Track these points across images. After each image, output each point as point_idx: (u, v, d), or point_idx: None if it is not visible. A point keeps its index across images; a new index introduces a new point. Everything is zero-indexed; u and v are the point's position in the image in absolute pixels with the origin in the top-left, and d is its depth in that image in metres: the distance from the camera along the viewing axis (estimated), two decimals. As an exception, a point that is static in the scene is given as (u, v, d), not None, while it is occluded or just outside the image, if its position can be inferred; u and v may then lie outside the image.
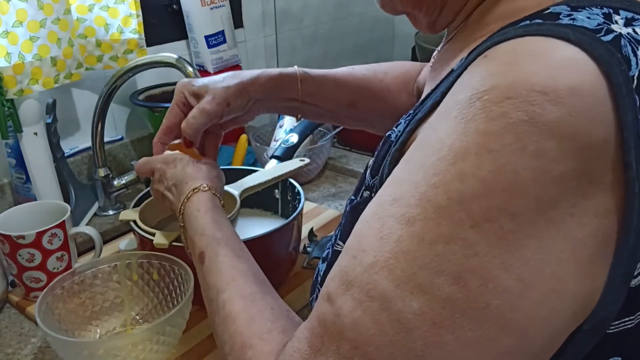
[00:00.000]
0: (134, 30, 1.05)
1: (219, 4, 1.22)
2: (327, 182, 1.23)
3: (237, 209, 0.77)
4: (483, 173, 0.34)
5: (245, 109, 0.72)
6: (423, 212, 0.35)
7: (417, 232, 0.35)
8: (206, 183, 0.64)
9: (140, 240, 0.80)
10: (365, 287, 0.37)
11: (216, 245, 0.57)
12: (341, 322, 0.37)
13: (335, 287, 0.39)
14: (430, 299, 0.34)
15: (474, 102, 0.35)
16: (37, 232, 0.79)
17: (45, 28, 0.89)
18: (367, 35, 1.80)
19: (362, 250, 0.38)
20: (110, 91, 0.98)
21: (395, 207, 0.38)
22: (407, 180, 0.38)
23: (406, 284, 0.35)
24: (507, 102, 0.34)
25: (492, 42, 0.38)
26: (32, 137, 0.93)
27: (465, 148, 0.35)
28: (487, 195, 0.34)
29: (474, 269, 0.34)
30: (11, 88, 0.87)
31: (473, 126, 0.35)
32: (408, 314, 0.35)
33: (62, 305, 0.72)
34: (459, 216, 0.34)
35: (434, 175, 0.36)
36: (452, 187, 0.35)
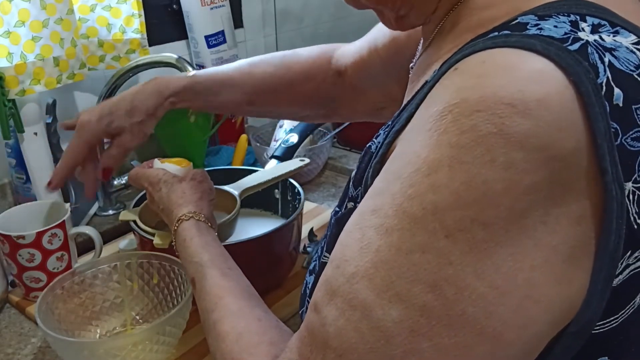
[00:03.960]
0: (136, 30, 1.05)
1: (219, 4, 1.22)
2: (327, 182, 1.23)
3: (237, 209, 0.77)
4: (455, 184, 0.35)
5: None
6: (400, 222, 0.36)
7: (394, 242, 0.36)
8: (189, 209, 0.65)
9: (140, 240, 0.81)
10: (347, 297, 0.38)
11: (203, 269, 0.58)
12: (326, 331, 0.38)
13: (321, 297, 0.40)
14: (408, 307, 0.35)
15: (446, 115, 0.36)
16: (37, 232, 0.79)
17: (48, 28, 0.89)
18: (367, 35, 1.80)
19: (344, 260, 0.39)
20: (110, 91, 0.98)
21: (374, 218, 0.39)
22: (386, 190, 0.39)
23: (385, 293, 0.36)
24: (476, 115, 0.34)
25: (462, 55, 0.39)
26: (32, 137, 0.93)
27: (438, 160, 0.36)
28: (459, 206, 0.35)
29: (448, 278, 0.35)
30: (13, 88, 0.87)
31: (445, 139, 0.36)
32: (387, 322, 0.36)
33: (62, 305, 0.72)
34: (433, 226, 0.35)
35: (409, 187, 0.37)
36: (426, 198, 0.36)
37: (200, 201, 0.67)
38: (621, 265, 0.37)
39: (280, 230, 0.79)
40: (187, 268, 0.61)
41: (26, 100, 0.91)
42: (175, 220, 0.65)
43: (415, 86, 0.50)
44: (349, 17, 1.72)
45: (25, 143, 0.93)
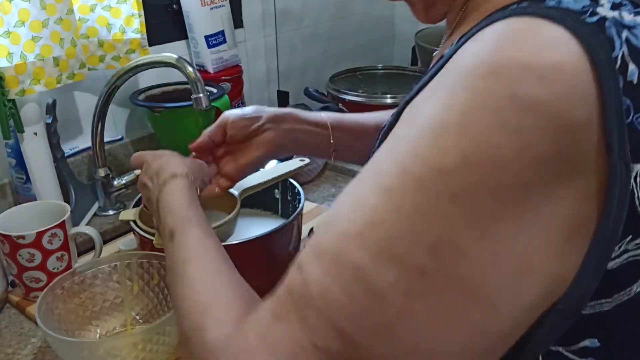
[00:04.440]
0: (136, 30, 1.05)
1: (219, 4, 1.22)
2: (327, 182, 1.23)
3: (237, 209, 0.77)
4: (464, 146, 0.34)
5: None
6: (401, 182, 0.35)
7: (394, 203, 0.35)
8: (185, 172, 0.65)
9: (140, 240, 0.80)
10: (336, 256, 0.36)
11: (187, 223, 0.57)
12: (308, 291, 0.37)
13: (307, 256, 0.39)
14: (405, 269, 0.35)
15: (459, 78, 0.36)
16: (37, 232, 0.79)
17: (48, 28, 0.89)
18: (367, 35, 1.80)
19: (336, 219, 0.38)
20: (110, 91, 0.98)
21: (373, 177, 0.38)
22: (388, 151, 0.38)
23: (381, 254, 0.35)
24: (490, 78, 0.34)
25: (480, 26, 0.39)
26: (32, 137, 0.93)
27: (447, 121, 0.35)
28: (466, 169, 0.34)
29: (449, 241, 0.34)
30: (13, 88, 0.87)
31: (456, 100, 0.35)
32: (382, 283, 0.35)
33: (62, 305, 0.72)
34: (437, 189, 0.34)
35: (415, 147, 0.36)
36: (432, 159, 0.35)
37: (198, 172, 0.69)
38: (619, 248, 0.37)
39: (280, 230, 0.79)
40: (168, 220, 0.59)
41: (26, 100, 0.91)
42: (168, 175, 0.64)
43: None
44: (349, 17, 1.72)
45: (25, 143, 0.93)
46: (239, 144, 0.76)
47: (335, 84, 1.45)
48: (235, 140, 0.76)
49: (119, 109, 1.19)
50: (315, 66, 1.64)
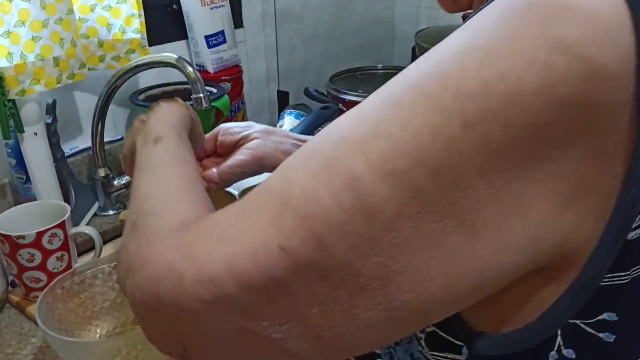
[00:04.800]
0: (136, 30, 1.05)
1: (219, 4, 1.22)
2: (327, 183, 1.23)
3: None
4: (486, 73, 0.33)
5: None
6: (414, 98, 0.34)
7: (402, 117, 0.34)
8: (186, 104, 0.63)
9: (140, 240, 0.80)
10: (329, 161, 0.35)
11: (176, 136, 0.56)
12: (289, 191, 0.35)
13: (294, 160, 0.37)
14: (402, 187, 0.33)
15: (493, 9, 0.35)
16: (37, 232, 0.79)
17: (48, 28, 0.89)
18: (367, 35, 1.80)
19: (336, 127, 0.36)
20: (110, 91, 0.98)
21: (383, 91, 0.36)
22: (406, 71, 0.37)
23: (380, 167, 0.33)
24: (526, 9, 0.33)
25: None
26: (32, 137, 0.93)
27: (474, 44, 0.34)
28: (485, 96, 0.32)
29: (452, 167, 0.33)
30: (13, 88, 0.87)
31: (484, 25, 0.34)
32: (375, 197, 0.33)
33: (62, 305, 0.72)
34: (450, 110, 0.33)
35: (434, 67, 0.34)
36: (450, 80, 0.33)
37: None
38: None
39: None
40: (157, 126, 0.57)
41: (26, 100, 0.91)
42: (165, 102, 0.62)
43: None
44: (349, 17, 1.72)
45: (25, 143, 0.93)
46: (228, 154, 0.75)
47: (335, 84, 1.45)
48: (225, 147, 0.75)
49: (119, 109, 1.18)
50: (315, 66, 1.64)
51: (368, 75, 1.57)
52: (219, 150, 0.75)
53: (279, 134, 0.76)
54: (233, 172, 0.71)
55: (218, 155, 0.76)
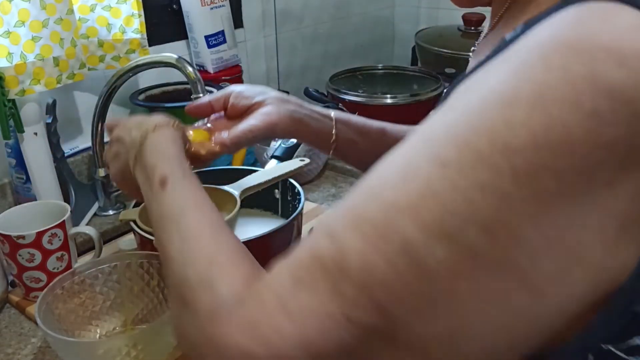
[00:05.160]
0: (136, 30, 1.05)
1: (219, 4, 1.22)
2: (327, 182, 1.23)
3: (237, 209, 0.77)
4: (533, 124, 0.32)
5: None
6: (460, 155, 0.34)
7: (450, 177, 0.34)
8: (172, 122, 0.62)
9: (140, 240, 0.80)
10: (382, 227, 0.35)
11: (180, 171, 0.54)
12: (345, 260, 0.35)
13: (341, 223, 0.37)
14: (456, 247, 0.33)
15: (532, 52, 0.34)
16: (37, 232, 0.79)
17: (48, 28, 0.89)
18: (367, 35, 1.80)
19: (381, 188, 0.36)
20: (110, 91, 0.98)
21: (425, 147, 0.36)
22: (443, 121, 0.36)
23: (432, 229, 0.33)
24: (568, 56, 0.33)
25: (555, 9, 0.37)
26: (32, 137, 0.93)
27: (517, 96, 0.33)
28: (533, 148, 0.32)
29: (505, 222, 0.33)
30: (13, 88, 0.87)
31: (528, 75, 0.34)
32: (430, 259, 0.33)
33: (62, 305, 0.72)
34: (500, 166, 0.33)
35: (477, 120, 0.34)
36: (497, 134, 0.33)
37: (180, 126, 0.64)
38: None
39: (280, 230, 0.79)
40: (159, 165, 0.55)
41: (26, 100, 0.91)
42: (155, 123, 0.60)
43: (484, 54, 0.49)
44: (349, 17, 1.72)
45: (25, 143, 0.93)
46: (240, 118, 0.72)
47: (335, 84, 1.45)
48: (237, 110, 0.72)
49: (119, 109, 1.18)
50: (315, 66, 1.64)
51: (368, 75, 1.57)
52: (229, 112, 0.74)
53: (293, 103, 0.74)
54: (245, 136, 0.69)
55: (228, 117, 0.74)
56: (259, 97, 0.73)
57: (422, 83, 1.47)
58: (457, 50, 1.49)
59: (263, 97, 0.73)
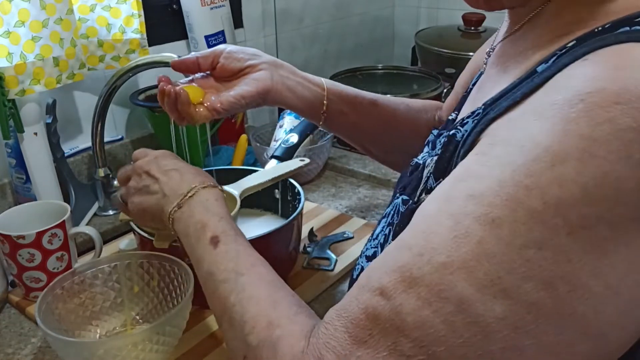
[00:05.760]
0: (136, 30, 1.05)
1: (219, 4, 1.22)
2: (327, 182, 1.23)
3: (237, 209, 0.77)
4: (585, 180, 0.33)
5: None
6: (512, 214, 0.34)
7: (504, 236, 0.34)
8: (215, 184, 0.62)
9: (140, 240, 0.80)
10: (436, 287, 0.35)
11: (233, 232, 0.55)
12: (401, 320, 0.36)
13: (394, 283, 0.37)
14: (515, 304, 0.34)
15: (577, 104, 0.34)
16: (37, 232, 0.79)
17: (48, 28, 0.89)
18: (367, 35, 1.80)
19: (431, 248, 0.37)
20: (110, 91, 0.98)
21: (473, 205, 0.36)
22: (487, 176, 0.37)
23: (489, 288, 0.34)
24: (615, 107, 0.33)
25: (590, 48, 0.37)
26: (32, 137, 0.93)
27: (566, 152, 0.34)
28: (586, 202, 0.33)
29: (565, 275, 0.33)
30: (13, 88, 0.87)
31: (575, 129, 0.34)
32: (489, 318, 0.34)
33: (62, 305, 0.72)
34: (554, 222, 0.33)
35: (526, 177, 0.34)
36: (549, 191, 0.34)
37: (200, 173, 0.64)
38: None
39: (280, 230, 0.79)
40: (211, 224, 0.56)
41: (26, 100, 0.91)
42: (202, 182, 0.61)
43: (509, 71, 0.48)
44: (349, 17, 1.72)
45: (25, 143, 0.93)
46: (228, 80, 0.71)
47: (335, 84, 1.45)
48: (226, 71, 0.70)
49: (119, 109, 1.19)
50: (315, 66, 1.64)
51: (368, 75, 1.57)
52: (218, 72, 0.71)
53: (286, 69, 0.73)
54: (237, 102, 0.68)
55: (215, 78, 0.72)
56: (252, 61, 0.70)
57: (422, 83, 1.47)
58: (457, 50, 1.49)
59: (256, 61, 0.70)
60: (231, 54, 0.71)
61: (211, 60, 0.71)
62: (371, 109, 0.79)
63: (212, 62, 0.71)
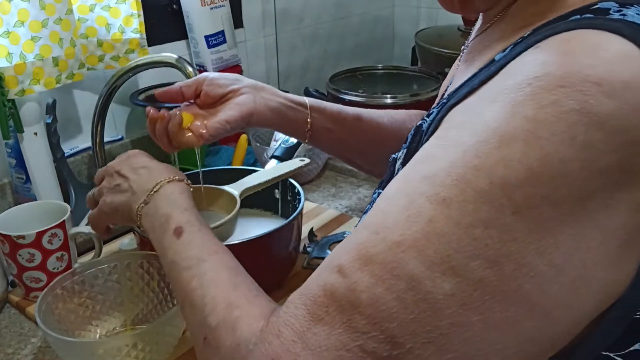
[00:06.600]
0: (135, 30, 1.05)
1: (219, 4, 1.22)
2: (327, 182, 1.23)
3: (237, 209, 0.77)
4: (530, 160, 0.34)
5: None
6: (461, 194, 0.35)
7: (453, 215, 0.35)
8: (182, 177, 0.64)
9: (140, 240, 0.80)
10: (389, 265, 0.36)
11: (197, 223, 0.57)
12: (356, 297, 0.37)
13: (350, 261, 0.38)
14: (462, 281, 0.35)
15: (524, 88, 0.35)
16: (37, 232, 0.79)
17: (47, 28, 0.89)
18: (367, 35, 1.80)
19: (385, 227, 0.38)
20: (110, 91, 0.98)
21: (426, 185, 0.37)
22: (441, 158, 0.38)
23: (438, 266, 0.35)
24: (559, 90, 0.34)
25: (542, 35, 0.38)
26: (32, 137, 0.93)
27: (512, 133, 0.35)
28: (532, 183, 0.34)
29: (510, 254, 0.34)
30: (12, 88, 0.87)
31: (522, 111, 0.35)
32: (438, 295, 0.35)
33: (62, 305, 0.72)
34: (500, 202, 0.34)
35: (475, 157, 0.35)
36: (495, 172, 0.34)
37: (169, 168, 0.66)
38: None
39: (280, 230, 0.79)
40: (174, 216, 0.57)
41: (26, 100, 0.91)
42: (168, 176, 0.62)
43: (473, 64, 0.50)
44: (349, 17, 1.72)
45: (25, 143, 0.93)
46: (212, 106, 0.72)
47: (335, 84, 1.45)
48: (209, 98, 0.72)
49: (119, 109, 1.19)
50: (315, 66, 1.64)
51: (368, 75, 1.57)
52: (202, 99, 0.73)
53: (268, 91, 0.75)
54: (223, 127, 0.70)
55: (200, 105, 0.73)
56: (234, 86, 0.72)
57: (422, 83, 1.47)
58: (457, 50, 1.48)
59: (238, 86, 0.72)
60: (213, 80, 0.73)
61: (194, 89, 0.73)
62: (355, 124, 0.81)
63: (195, 91, 0.73)
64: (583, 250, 0.35)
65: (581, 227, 0.34)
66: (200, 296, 0.48)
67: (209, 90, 0.72)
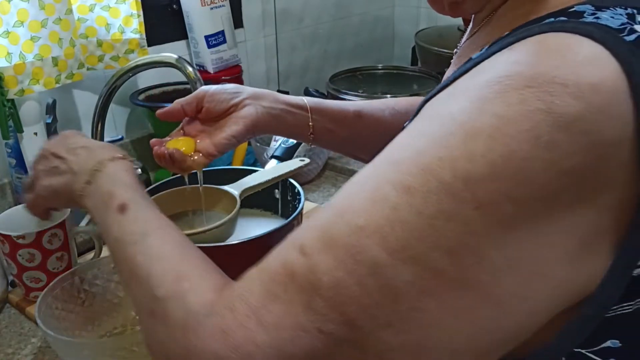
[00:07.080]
0: (135, 30, 1.05)
1: (219, 4, 1.22)
2: (327, 182, 1.23)
3: (237, 209, 0.77)
4: (493, 156, 0.34)
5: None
6: (426, 184, 0.35)
7: (417, 204, 0.35)
8: (125, 155, 0.62)
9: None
10: (352, 250, 0.36)
11: (141, 200, 0.55)
12: (317, 279, 0.37)
13: (313, 241, 0.38)
14: (422, 269, 0.35)
15: (494, 85, 0.36)
16: (37, 232, 0.79)
17: (47, 28, 0.89)
18: (367, 35, 1.80)
19: (351, 211, 0.38)
20: (110, 91, 0.98)
21: (392, 172, 0.37)
22: (409, 146, 0.38)
23: (399, 253, 0.35)
24: (527, 90, 0.34)
25: (516, 37, 0.39)
26: (32, 137, 0.93)
27: (478, 128, 0.35)
28: (494, 179, 0.34)
29: (469, 247, 0.35)
30: (12, 88, 0.87)
31: (489, 108, 0.35)
32: (397, 281, 0.35)
33: (62, 305, 0.72)
34: (462, 195, 0.34)
35: (441, 148, 0.36)
36: (459, 165, 0.35)
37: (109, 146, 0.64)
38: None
39: (280, 230, 0.79)
40: (118, 193, 0.55)
41: (26, 100, 0.91)
42: (112, 154, 0.60)
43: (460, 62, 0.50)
44: (349, 17, 1.72)
45: (25, 143, 0.93)
46: (215, 120, 0.73)
47: (335, 84, 1.45)
48: (212, 114, 0.72)
49: (119, 109, 1.19)
50: (315, 66, 1.64)
51: (368, 75, 1.57)
52: (204, 115, 0.73)
53: (268, 98, 0.75)
54: (230, 142, 0.71)
55: (202, 121, 0.74)
56: (235, 99, 0.73)
57: (422, 83, 1.47)
58: (457, 50, 1.49)
59: (239, 99, 0.73)
60: (214, 96, 0.73)
61: (195, 105, 0.73)
62: (356, 121, 0.81)
63: (196, 107, 0.73)
64: (540, 246, 0.35)
65: (542, 225, 0.35)
66: (146, 270, 0.47)
67: (211, 107, 0.73)
